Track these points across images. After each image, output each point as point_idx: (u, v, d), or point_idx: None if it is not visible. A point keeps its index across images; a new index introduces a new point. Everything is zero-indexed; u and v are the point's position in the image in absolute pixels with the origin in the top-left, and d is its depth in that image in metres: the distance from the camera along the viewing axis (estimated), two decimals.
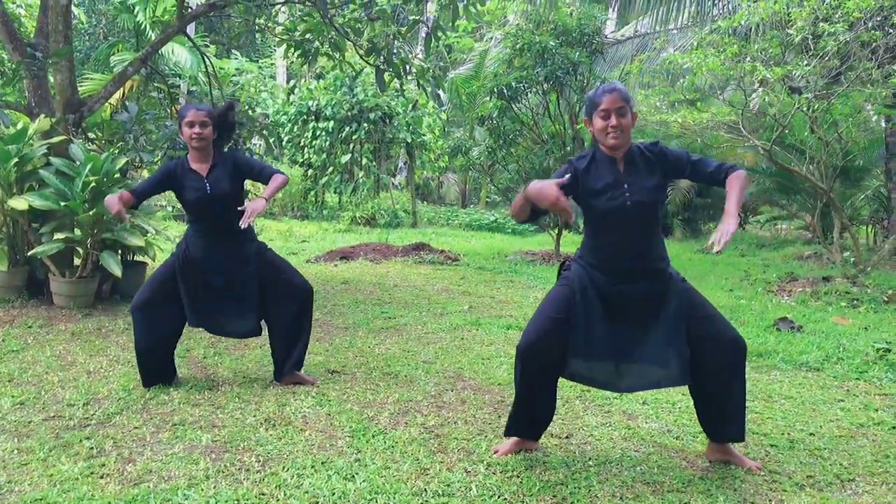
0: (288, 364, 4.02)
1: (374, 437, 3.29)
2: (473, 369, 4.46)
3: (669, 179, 3.06)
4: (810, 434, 3.54)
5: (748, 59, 7.29)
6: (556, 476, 2.95)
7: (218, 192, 3.78)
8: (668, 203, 14.33)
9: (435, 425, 3.47)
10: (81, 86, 14.28)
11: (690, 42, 10.73)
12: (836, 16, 6.80)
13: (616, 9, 14.84)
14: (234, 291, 3.89)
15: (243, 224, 3.53)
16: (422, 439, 3.28)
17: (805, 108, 7.48)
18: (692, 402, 3.89)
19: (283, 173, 3.88)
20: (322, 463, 2.99)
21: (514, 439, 3.20)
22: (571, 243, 12.59)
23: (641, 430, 3.51)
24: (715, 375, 2.99)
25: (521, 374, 3.07)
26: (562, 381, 4.19)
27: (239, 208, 3.68)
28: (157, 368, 3.91)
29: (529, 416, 3.16)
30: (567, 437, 3.39)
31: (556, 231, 10.94)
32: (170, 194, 4.65)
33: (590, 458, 3.14)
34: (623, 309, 2.96)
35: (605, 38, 11.98)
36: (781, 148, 9.41)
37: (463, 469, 2.99)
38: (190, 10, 6.59)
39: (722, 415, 3.10)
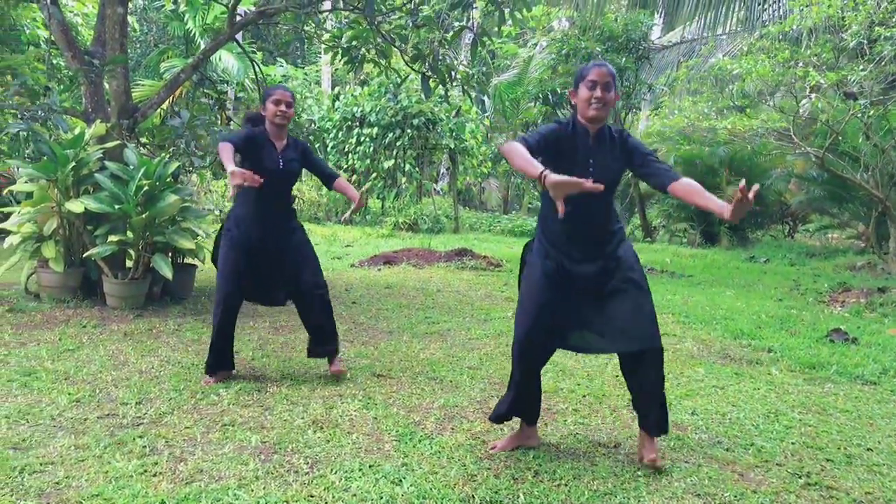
0: (321, 349, 4.24)
1: (420, 441, 3.29)
2: None
3: (626, 166, 3.11)
4: (868, 449, 3.44)
5: (800, 64, 7.14)
6: (604, 486, 2.91)
7: (288, 168, 4.05)
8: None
9: (481, 431, 3.46)
10: (133, 92, 14.68)
11: (739, 47, 10.55)
12: (894, 20, 6.62)
13: (662, 15, 14.68)
14: (275, 261, 4.10)
15: (348, 217, 4.24)
16: (468, 445, 3.27)
17: (859, 115, 7.29)
18: (741, 414, 3.85)
19: (337, 175, 4.25)
20: (369, 466, 3.00)
21: (515, 431, 3.36)
22: None
23: (691, 441, 3.45)
24: (626, 361, 3.19)
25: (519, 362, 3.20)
26: (613, 390, 4.14)
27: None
28: (225, 353, 4.14)
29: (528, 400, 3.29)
30: (615, 447, 3.35)
31: None
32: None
33: (638, 469, 3.09)
34: (576, 283, 3.08)
35: (652, 43, 11.84)
36: (834, 155, 9.19)
37: (510, 476, 2.97)
38: (240, 17, 6.71)
39: (637, 401, 3.18)
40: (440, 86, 7.80)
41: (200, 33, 10.45)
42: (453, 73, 7.69)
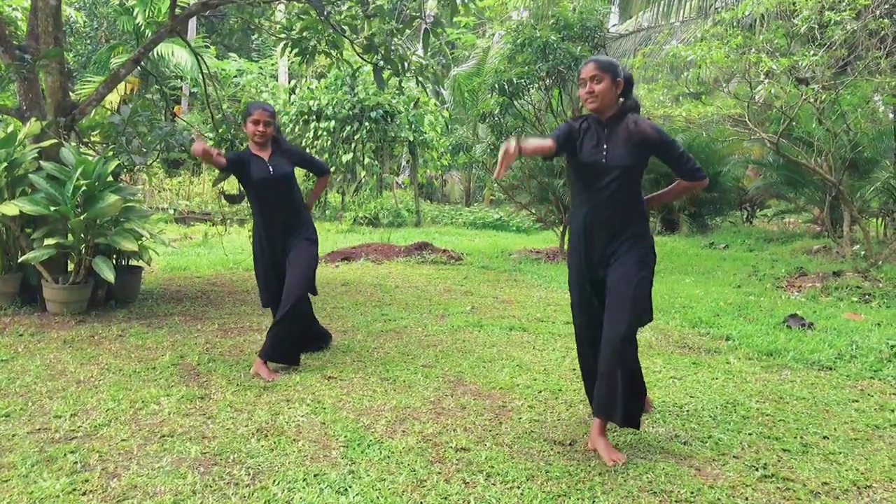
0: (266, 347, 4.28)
1: (369, 446, 3.16)
2: (474, 373, 4.33)
3: (648, 154, 3.20)
4: (824, 437, 3.40)
5: (753, 50, 7.13)
6: (558, 487, 2.82)
7: (279, 172, 4.32)
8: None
9: (433, 433, 3.34)
10: (83, 89, 14.23)
11: (694, 34, 10.56)
12: (843, 4, 6.63)
13: (617, 3, 14.68)
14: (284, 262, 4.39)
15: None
16: (419, 448, 3.16)
17: (812, 100, 7.31)
18: (699, 406, 3.80)
19: (328, 170, 4.82)
20: (314, 475, 2.86)
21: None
22: None
23: (648, 436, 3.38)
24: (601, 349, 3.13)
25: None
26: (570, 384, 4.05)
27: None
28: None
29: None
30: (570, 444, 3.26)
31: (562, 228, 10.79)
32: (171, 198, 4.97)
33: (594, 467, 3.00)
34: (592, 272, 3.22)
35: (608, 32, 11.80)
36: (788, 140, 9.24)
37: (461, 480, 2.86)
38: (183, 9, 6.47)
39: (598, 391, 3.16)
40: (394, 77, 7.65)
41: (146, 27, 10.11)
42: (406, 64, 7.53)
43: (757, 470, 3.01)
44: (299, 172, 6.28)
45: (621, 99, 3.21)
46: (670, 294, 7.11)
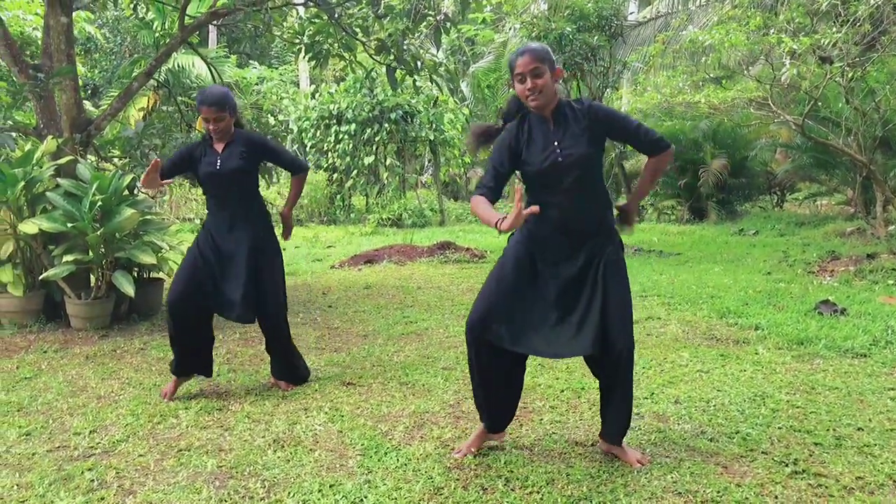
0: (273, 368, 4.21)
1: (386, 454, 3.11)
2: None
3: (603, 137, 2.93)
4: (858, 429, 3.27)
5: (773, 31, 6.94)
6: (579, 490, 2.73)
7: (227, 167, 3.86)
8: (700, 185, 13.93)
9: (451, 438, 3.28)
10: (107, 103, 14.38)
11: (712, 18, 10.35)
12: None
13: None
14: (232, 269, 3.92)
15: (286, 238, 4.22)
16: (437, 455, 3.09)
17: (838, 78, 7.10)
18: (726, 400, 3.68)
19: (303, 168, 4.27)
20: (330, 486, 2.82)
21: (478, 431, 3.16)
22: None
23: (673, 434, 3.28)
24: (604, 366, 2.95)
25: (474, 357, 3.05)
26: (593, 382, 3.95)
27: None
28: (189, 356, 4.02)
29: (486, 404, 3.11)
30: (592, 445, 3.17)
31: None
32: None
33: (616, 468, 2.92)
34: (556, 273, 2.91)
35: (626, 20, 11.63)
36: (816, 121, 9.01)
37: (479, 486, 2.79)
38: (192, 19, 6.48)
39: (604, 410, 3.04)
40: (408, 76, 7.60)
41: (160, 38, 10.17)
42: (420, 63, 7.48)
43: (787, 466, 2.90)
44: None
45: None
46: (698, 284, 6.96)
